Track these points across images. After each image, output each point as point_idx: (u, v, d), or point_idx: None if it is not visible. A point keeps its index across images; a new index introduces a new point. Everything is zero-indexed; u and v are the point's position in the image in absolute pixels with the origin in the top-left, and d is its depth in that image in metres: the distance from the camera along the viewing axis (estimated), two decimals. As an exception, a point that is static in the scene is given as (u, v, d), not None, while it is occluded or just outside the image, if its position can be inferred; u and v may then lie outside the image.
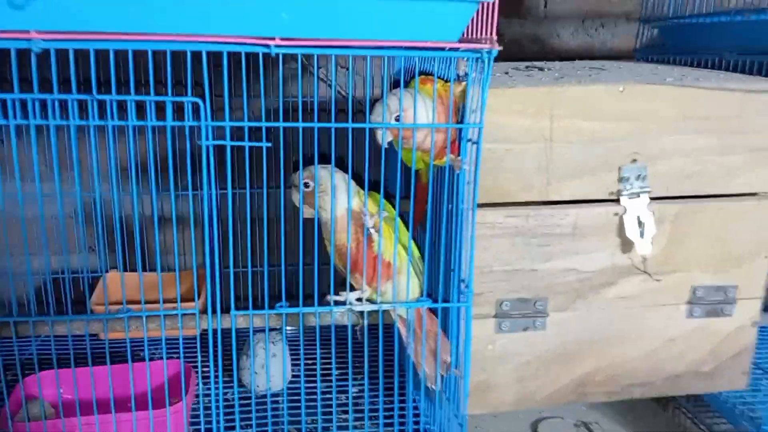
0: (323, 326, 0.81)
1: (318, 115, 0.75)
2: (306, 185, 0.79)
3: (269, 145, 0.69)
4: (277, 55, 0.66)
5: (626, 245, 0.87)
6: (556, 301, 0.88)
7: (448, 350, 0.82)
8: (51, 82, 0.63)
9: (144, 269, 1.26)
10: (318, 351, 0.85)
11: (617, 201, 0.85)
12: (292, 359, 1.12)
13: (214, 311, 0.74)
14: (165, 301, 0.76)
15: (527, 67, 1.01)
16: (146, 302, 0.77)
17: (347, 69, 1.31)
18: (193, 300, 1.00)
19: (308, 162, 0.78)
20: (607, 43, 1.44)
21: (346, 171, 0.79)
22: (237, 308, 0.76)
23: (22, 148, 0.70)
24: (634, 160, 0.84)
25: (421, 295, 0.82)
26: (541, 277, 0.86)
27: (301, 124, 0.70)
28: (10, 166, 0.68)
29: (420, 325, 0.84)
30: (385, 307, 0.79)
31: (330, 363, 1.11)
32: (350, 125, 0.71)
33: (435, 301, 0.80)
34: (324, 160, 0.79)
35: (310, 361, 1.14)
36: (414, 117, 0.74)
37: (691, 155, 0.85)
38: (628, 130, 0.83)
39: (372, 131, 0.77)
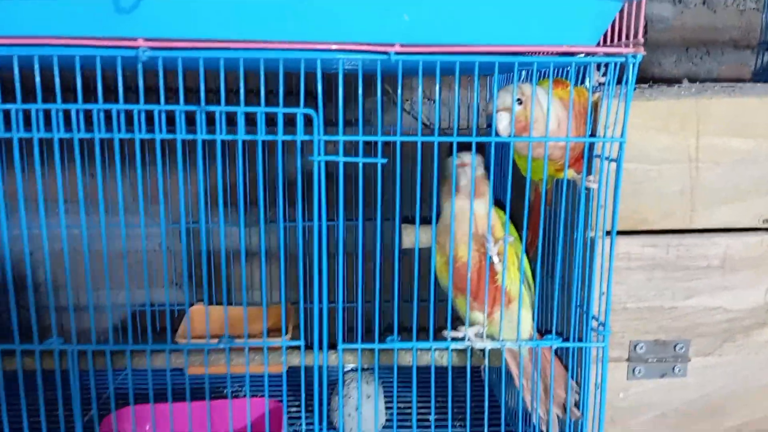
0: (418, 367, 0.73)
1: (401, 147, 0.66)
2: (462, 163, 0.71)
3: (384, 161, 0.62)
4: (396, 62, 0.60)
5: (783, 281, 0.75)
6: (700, 344, 0.77)
7: (574, 390, 0.72)
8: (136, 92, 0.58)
9: (230, 303, 1.20)
10: (414, 393, 0.73)
11: (773, 229, 0.74)
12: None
13: (321, 346, 0.67)
14: (251, 336, 0.71)
15: (650, 85, 0.92)
16: (232, 337, 0.71)
17: (433, 101, 1.24)
18: (279, 334, 0.93)
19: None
20: (713, 72, 1.32)
21: None
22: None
23: (111, 183, 0.65)
24: (793, 183, 0.73)
25: (532, 328, 0.73)
26: (682, 316, 0.76)
27: (419, 138, 0.63)
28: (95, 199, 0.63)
29: (531, 361, 0.75)
30: (509, 345, 0.70)
31: (426, 407, 1.01)
32: (474, 139, 0.64)
33: (566, 339, 0.70)
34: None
35: (401, 405, 1.05)
36: (547, 117, 0.65)
37: None
38: (786, 148, 0.72)
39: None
